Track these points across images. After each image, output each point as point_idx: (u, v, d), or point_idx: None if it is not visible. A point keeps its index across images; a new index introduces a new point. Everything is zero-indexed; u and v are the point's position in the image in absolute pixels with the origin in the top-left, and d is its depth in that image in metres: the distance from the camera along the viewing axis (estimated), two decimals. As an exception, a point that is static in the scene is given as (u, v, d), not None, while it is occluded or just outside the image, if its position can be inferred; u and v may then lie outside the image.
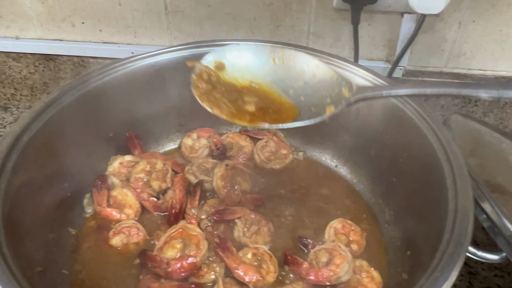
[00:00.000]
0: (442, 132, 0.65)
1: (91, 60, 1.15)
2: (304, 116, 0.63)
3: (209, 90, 0.64)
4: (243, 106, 0.63)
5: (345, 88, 0.62)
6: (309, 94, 0.66)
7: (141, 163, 0.78)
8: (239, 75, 0.68)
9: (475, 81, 1.13)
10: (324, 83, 0.65)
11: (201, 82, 0.65)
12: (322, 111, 0.62)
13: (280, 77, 0.68)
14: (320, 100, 0.63)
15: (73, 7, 1.09)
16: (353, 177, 0.86)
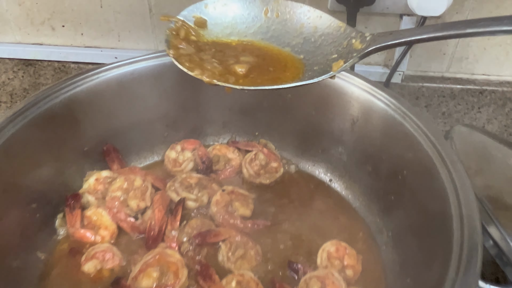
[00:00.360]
0: (446, 151, 0.59)
1: (72, 65, 1.09)
2: (306, 76, 0.54)
3: (193, 52, 0.55)
4: (233, 67, 0.54)
5: (356, 39, 0.53)
6: (311, 51, 0.56)
7: (118, 180, 0.72)
8: (223, 34, 0.58)
9: (478, 86, 1.07)
10: (329, 37, 0.56)
11: (180, 42, 0.55)
12: (327, 68, 0.53)
13: (273, 34, 0.58)
14: (324, 58, 0.55)
15: (52, 10, 1.03)
16: (349, 192, 0.80)
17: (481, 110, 1.11)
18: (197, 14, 0.58)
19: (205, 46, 0.56)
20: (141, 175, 0.77)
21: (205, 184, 0.78)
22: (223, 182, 0.82)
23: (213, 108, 0.87)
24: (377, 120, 0.70)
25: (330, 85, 0.75)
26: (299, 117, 0.82)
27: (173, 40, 0.55)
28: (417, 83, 1.08)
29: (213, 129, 0.89)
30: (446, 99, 1.10)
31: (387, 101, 0.68)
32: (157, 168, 0.85)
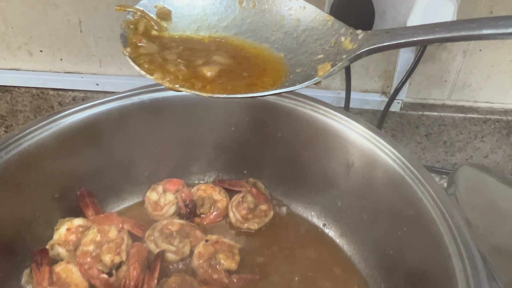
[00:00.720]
0: (449, 209, 0.52)
1: (51, 92, 1.02)
2: (287, 81, 0.47)
3: (155, 51, 0.47)
4: (201, 70, 0.46)
5: (346, 37, 0.46)
6: (293, 49, 0.49)
7: (90, 233, 0.66)
8: (191, 29, 0.50)
9: (481, 115, 1.01)
10: (313, 33, 0.49)
11: (140, 38, 0.47)
12: (312, 71, 0.46)
13: (249, 27, 0.50)
14: (308, 58, 0.48)
15: (28, 34, 0.97)
16: (344, 240, 0.74)
17: (485, 139, 1.05)
18: (160, 3, 0.50)
19: (171, 43, 0.49)
20: (117, 222, 0.70)
21: (187, 231, 0.72)
22: (207, 227, 0.76)
23: (198, 145, 0.81)
24: (374, 169, 0.64)
25: (323, 126, 0.69)
26: (290, 157, 0.76)
27: (131, 36, 0.48)
28: (417, 111, 1.02)
29: (198, 167, 0.83)
30: (448, 128, 1.04)
31: (386, 149, 0.61)
32: (136, 211, 0.79)
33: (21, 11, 0.94)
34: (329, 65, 0.44)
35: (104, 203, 0.77)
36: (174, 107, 0.75)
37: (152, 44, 0.47)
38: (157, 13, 0.49)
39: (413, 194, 0.56)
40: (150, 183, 0.80)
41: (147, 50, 0.47)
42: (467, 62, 0.96)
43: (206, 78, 0.45)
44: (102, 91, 1.01)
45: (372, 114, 1.02)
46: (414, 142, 1.07)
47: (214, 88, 0.45)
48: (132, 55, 0.46)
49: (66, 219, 0.70)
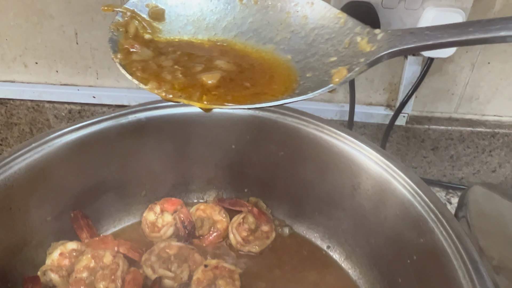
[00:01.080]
0: (461, 239, 0.49)
1: (47, 105, 1.00)
2: (299, 88, 0.41)
3: (149, 57, 0.43)
4: (200, 78, 0.41)
5: (363, 38, 0.41)
6: (301, 50, 0.44)
7: (84, 258, 0.63)
8: (187, 31, 0.46)
9: (489, 129, 0.98)
10: (324, 31, 0.44)
11: (133, 43, 0.43)
12: (325, 76, 0.41)
13: (251, 26, 0.46)
14: (319, 60, 0.43)
15: (23, 46, 0.94)
16: (349, 264, 0.71)
17: (493, 153, 1.02)
18: (152, 2, 0.45)
19: (167, 48, 0.45)
20: (112, 246, 0.67)
21: (186, 255, 0.69)
22: (207, 250, 0.73)
23: (198, 163, 0.78)
24: (381, 193, 0.61)
25: (328, 146, 0.66)
26: (293, 176, 0.73)
27: (123, 40, 0.43)
28: (423, 125, 0.99)
29: (197, 185, 0.80)
30: (455, 142, 1.01)
31: (394, 174, 0.58)
32: (133, 232, 0.76)
33: (15, 23, 0.92)
34: (345, 70, 0.39)
35: (99, 224, 0.74)
36: (172, 125, 0.72)
37: (146, 50, 0.43)
38: (149, 13, 0.46)
39: (423, 223, 0.53)
40: (147, 203, 0.77)
41: (140, 56, 0.43)
42: (475, 75, 0.94)
43: (206, 87, 0.41)
44: (99, 104, 0.99)
45: (377, 128, 0.99)
46: (419, 156, 1.04)
47: (216, 98, 0.40)
48: (123, 62, 0.42)
49: (59, 242, 0.68)
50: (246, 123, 0.72)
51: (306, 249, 0.75)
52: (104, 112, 0.98)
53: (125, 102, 0.97)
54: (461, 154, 1.02)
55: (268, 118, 0.70)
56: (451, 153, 1.02)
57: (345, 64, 0.41)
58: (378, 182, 0.61)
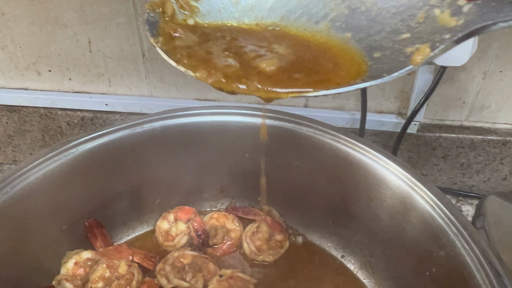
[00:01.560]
0: (483, 251, 0.49)
1: (59, 112, 1.00)
2: (371, 71, 0.36)
3: (195, 43, 0.38)
4: (257, 64, 0.37)
5: (442, 10, 0.35)
6: (363, 27, 0.39)
7: (99, 268, 0.63)
8: (230, 14, 0.41)
9: (500, 137, 0.98)
10: (390, 4, 0.38)
11: (175, 27, 0.38)
12: (400, 56, 0.35)
13: (299, 3, 0.40)
14: (388, 37, 0.37)
15: (37, 54, 0.95)
16: (364, 274, 0.70)
17: (503, 161, 1.02)
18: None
19: (215, 33, 0.40)
20: (127, 255, 0.67)
21: (200, 264, 0.69)
22: (221, 259, 0.73)
23: (211, 171, 0.78)
24: (399, 204, 0.60)
25: (344, 156, 0.66)
26: (307, 185, 0.73)
27: (163, 25, 0.39)
28: (434, 133, 0.99)
29: (211, 194, 0.80)
30: (466, 150, 1.00)
31: (413, 185, 0.58)
32: (147, 240, 0.76)
33: (29, 31, 0.92)
34: (427, 48, 0.34)
35: (113, 233, 0.74)
36: (186, 133, 0.72)
37: (190, 34, 0.39)
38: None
39: (444, 235, 0.53)
40: (161, 211, 0.77)
41: (184, 42, 0.38)
42: (487, 83, 0.93)
43: (265, 75, 0.36)
44: (111, 112, 0.99)
45: (388, 136, 0.99)
46: (430, 164, 1.03)
47: (279, 85, 0.36)
48: (165, 47, 0.38)
49: (74, 251, 0.68)
50: (260, 132, 0.72)
51: (320, 258, 0.74)
52: (116, 119, 1.00)
53: (137, 109, 0.98)
54: (472, 162, 1.02)
55: (283, 127, 0.70)
56: (462, 161, 1.02)
57: (424, 41, 0.35)
58: (396, 193, 0.60)
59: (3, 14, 0.91)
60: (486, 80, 0.93)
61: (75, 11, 0.89)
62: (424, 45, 0.35)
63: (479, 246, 0.49)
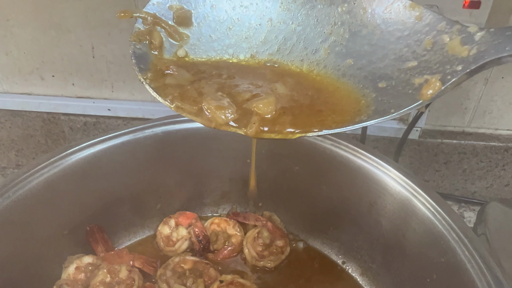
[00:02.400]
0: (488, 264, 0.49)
1: (62, 117, 1.01)
2: (373, 106, 0.33)
3: (187, 81, 0.36)
4: (252, 107, 0.35)
5: (452, 37, 0.32)
6: (364, 53, 0.35)
7: (100, 273, 0.63)
8: (224, 46, 0.38)
9: (502, 143, 0.98)
10: (393, 28, 0.35)
11: (168, 64, 0.36)
12: (407, 88, 0.32)
13: (294, 29, 0.37)
14: (392, 66, 0.34)
15: (40, 59, 0.96)
16: (365, 280, 0.70)
17: (506, 168, 1.01)
18: (175, 3, 0.38)
19: (210, 70, 0.38)
20: (128, 260, 0.68)
21: (201, 270, 0.69)
22: (221, 264, 0.73)
23: (212, 176, 0.78)
24: (400, 211, 0.60)
25: (344, 162, 0.66)
26: (307, 191, 0.73)
27: (155, 60, 0.37)
28: (435, 139, 0.99)
29: (212, 199, 0.81)
30: (468, 156, 1.00)
31: (414, 192, 0.58)
32: (148, 245, 0.76)
33: (33, 37, 0.93)
34: (438, 81, 0.31)
35: (114, 237, 0.75)
36: (188, 139, 0.73)
37: (184, 72, 0.37)
38: (174, 17, 0.39)
39: (445, 242, 0.53)
40: (162, 216, 0.77)
41: (176, 80, 0.36)
42: (488, 89, 0.93)
43: (264, 117, 0.35)
44: (113, 116, 1.00)
45: (390, 142, 0.99)
46: (432, 170, 1.03)
47: (279, 127, 0.35)
48: (154, 85, 0.36)
49: (75, 256, 0.68)
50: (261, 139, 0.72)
51: (321, 264, 0.74)
52: (118, 124, 1.00)
53: (139, 114, 0.98)
54: (474, 168, 1.02)
55: (284, 133, 0.70)
56: (464, 167, 1.02)
57: (433, 72, 0.32)
58: (397, 199, 0.60)
59: (7, 20, 0.92)
60: (487, 86, 0.93)
61: (79, 17, 0.90)
62: (434, 78, 0.32)
63: (479, 253, 0.49)
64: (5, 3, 0.88)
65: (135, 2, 0.86)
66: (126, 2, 0.86)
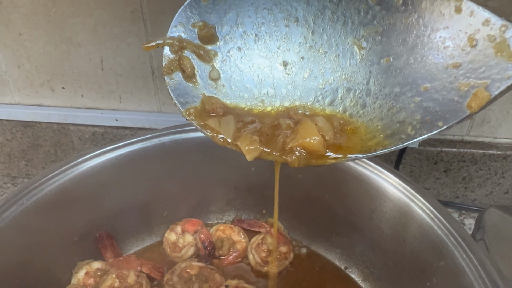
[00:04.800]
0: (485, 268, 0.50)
1: (72, 127, 1.04)
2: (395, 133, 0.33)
3: (233, 130, 0.36)
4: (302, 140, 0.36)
5: (500, 36, 0.29)
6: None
7: (109, 278, 0.65)
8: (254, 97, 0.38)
9: (501, 151, 1.00)
10: (432, 22, 0.32)
11: (215, 106, 0.36)
12: (453, 93, 0.30)
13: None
14: (435, 66, 0.32)
15: (51, 72, 1.00)
16: (367, 285, 0.71)
17: (505, 175, 1.03)
18: (196, 19, 0.36)
19: (246, 117, 0.38)
20: (136, 266, 0.70)
21: (206, 275, 0.71)
22: (227, 270, 0.75)
23: (218, 185, 0.80)
24: (400, 216, 0.62)
25: (346, 170, 0.68)
26: (310, 198, 0.76)
27: (204, 98, 0.36)
28: (435, 147, 1.01)
29: (217, 206, 0.83)
30: (467, 164, 1.02)
31: (414, 197, 0.60)
32: (155, 251, 0.78)
33: (45, 50, 0.97)
34: (485, 92, 0.28)
35: (122, 244, 0.77)
36: (194, 147, 0.75)
37: (230, 121, 0.36)
38: (199, 35, 0.38)
39: (443, 246, 0.54)
40: (168, 223, 0.79)
41: (217, 126, 0.37)
42: (486, 99, 0.96)
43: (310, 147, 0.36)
44: (121, 127, 1.02)
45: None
46: (432, 178, 1.05)
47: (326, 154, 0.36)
48: (197, 122, 0.37)
49: (85, 262, 0.70)
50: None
51: (324, 270, 0.76)
52: (126, 134, 1.03)
53: (146, 125, 1.01)
54: (474, 176, 1.03)
55: (287, 142, 0.73)
56: (464, 175, 1.04)
57: (479, 77, 0.29)
58: (397, 205, 0.62)
59: (20, 34, 0.96)
60: (485, 96, 0.95)
61: (89, 31, 0.93)
62: (480, 87, 0.30)
63: (477, 256, 0.50)
64: (18, 18, 0.92)
65: (143, 16, 0.89)
66: (135, 16, 0.89)
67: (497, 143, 1.03)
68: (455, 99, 0.32)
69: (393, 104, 0.36)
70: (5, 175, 1.16)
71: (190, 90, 0.39)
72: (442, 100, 0.32)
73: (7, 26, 0.93)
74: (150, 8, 0.87)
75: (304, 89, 0.40)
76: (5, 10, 0.91)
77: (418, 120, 0.33)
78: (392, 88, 0.36)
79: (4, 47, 0.96)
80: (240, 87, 0.41)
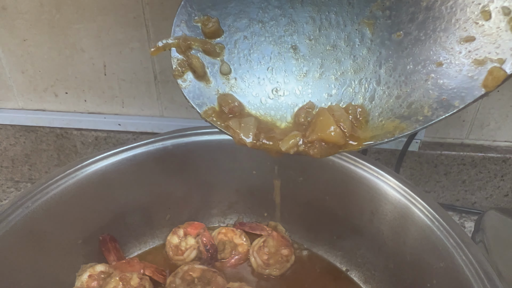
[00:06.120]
0: (485, 269, 0.51)
1: (75, 132, 1.05)
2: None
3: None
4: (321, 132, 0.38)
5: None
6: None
7: (112, 281, 0.66)
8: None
9: (500, 154, 1.01)
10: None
11: (231, 105, 0.36)
12: (467, 71, 0.29)
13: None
14: (448, 38, 0.30)
15: (55, 77, 1.01)
16: (369, 287, 0.72)
17: (504, 178, 1.04)
18: (198, 13, 0.36)
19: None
20: (139, 268, 0.70)
21: (209, 278, 0.71)
22: (229, 272, 0.76)
23: (220, 188, 0.81)
24: (400, 218, 0.63)
25: (346, 173, 0.69)
26: (311, 201, 0.76)
27: (219, 98, 0.37)
28: (435, 150, 1.02)
29: (219, 209, 0.84)
30: (467, 167, 1.03)
31: (413, 200, 0.61)
32: (158, 254, 0.79)
33: (48, 56, 0.98)
34: (501, 69, 0.26)
35: (125, 247, 0.77)
36: (197, 151, 0.76)
37: (251, 122, 0.37)
38: (202, 30, 0.37)
39: (443, 248, 0.55)
40: (171, 226, 0.80)
41: (237, 127, 0.38)
42: (485, 102, 0.97)
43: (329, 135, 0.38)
44: (124, 131, 1.03)
45: (390, 154, 1.02)
46: (433, 181, 1.06)
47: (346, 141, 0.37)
48: (219, 122, 0.37)
49: (88, 265, 0.71)
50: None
51: (325, 272, 0.77)
52: (128, 139, 1.04)
53: (148, 129, 1.02)
54: (474, 179, 1.04)
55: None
56: (464, 178, 1.04)
57: (495, 52, 0.28)
58: (397, 207, 0.63)
59: (24, 40, 0.97)
60: (484, 99, 0.96)
61: (92, 37, 0.95)
62: (495, 67, 0.28)
63: (476, 258, 0.51)
64: (23, 24, 0.94)
65: (146, 22, 0.91)
66: (137, 22, 0.91)
67: (496, 146, 1.03)
68: (470, 75, 0.31)
69: (407, 83, 0.36)
70: (8, 179, 1.17)
71: (204, 90, 0.39)
72: (457, 76, 0.32)
73: (12, 32, 0.95)
74: (153, 14, 0.89)
75: (317, 73, 0.40)
76: (10, 16, 0.93)
77: (434, 99, 0.32)
78: (404, 67, 0.35)
79: (9, 53, 0.98)
80: (252, 78, 0.40)
